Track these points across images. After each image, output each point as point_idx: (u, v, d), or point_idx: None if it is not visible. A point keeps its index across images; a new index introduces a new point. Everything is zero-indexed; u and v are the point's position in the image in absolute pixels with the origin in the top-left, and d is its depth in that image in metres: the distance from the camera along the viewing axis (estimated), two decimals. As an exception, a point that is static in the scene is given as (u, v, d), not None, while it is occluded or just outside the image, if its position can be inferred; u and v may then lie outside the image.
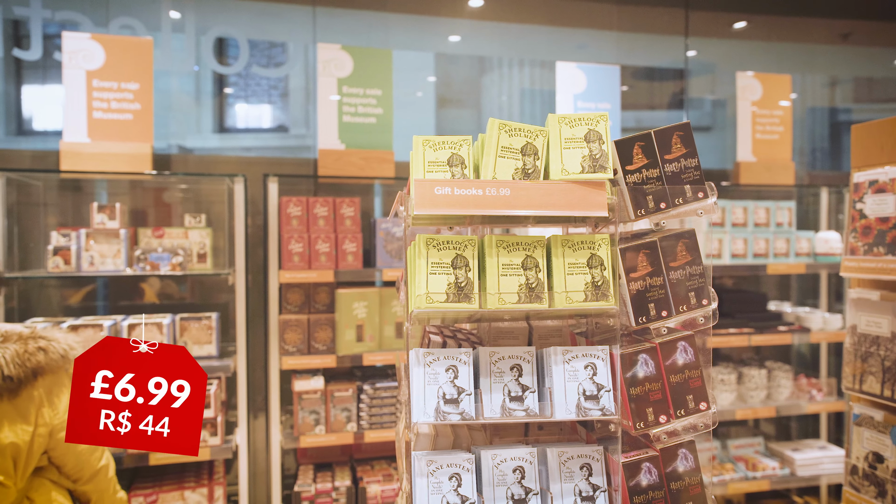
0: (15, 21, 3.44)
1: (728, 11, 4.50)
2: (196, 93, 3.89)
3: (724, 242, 3.65)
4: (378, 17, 4.01)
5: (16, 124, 3.65)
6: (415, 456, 1.27)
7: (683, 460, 1.30)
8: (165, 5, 3.59)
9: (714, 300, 1.33)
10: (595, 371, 1.27)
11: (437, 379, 1.23)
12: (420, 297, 1.22)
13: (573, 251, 1.28)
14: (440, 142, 1.29)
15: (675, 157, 1.32)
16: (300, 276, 3.13)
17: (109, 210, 3.10)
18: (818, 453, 3.71)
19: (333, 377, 3.38)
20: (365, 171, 3.35)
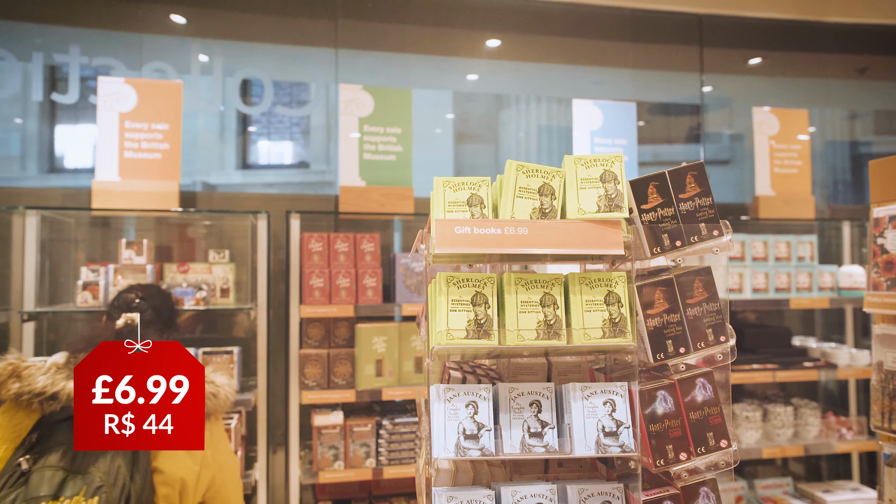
0: (50, 67, 3.61)
1: (742, 48, 4.56)
2: (220, 130, 4.02)
3: (744, 277, 3.63)
4: (398, 58, 4.13)
5: (48, 162, 3.80)
6: (435, 492, 1.28)
7: (705, 499, 1.29)
8: (195, 49, 3.75)
9: (732, 337, 1.33)
10: (614, 407, 1.28)
11: (458, 414, 1.25)
12: (441, 334, 1.24)
13: (590, 288, 1.30)
14: (460, 183, 1.34)
15: (689, 196, 1.34)
16: (321, 310, 3.17)
17: (137, 246, 3.19)
18: (851, 495, 3.60)
19: (353, 412, 3.39)
20: (385, 208, 3.41)
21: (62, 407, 1.66)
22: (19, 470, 1.59)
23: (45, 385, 1.65)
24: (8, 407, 1.69)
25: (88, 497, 1.61)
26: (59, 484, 1.59)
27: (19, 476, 1.59)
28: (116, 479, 1.66)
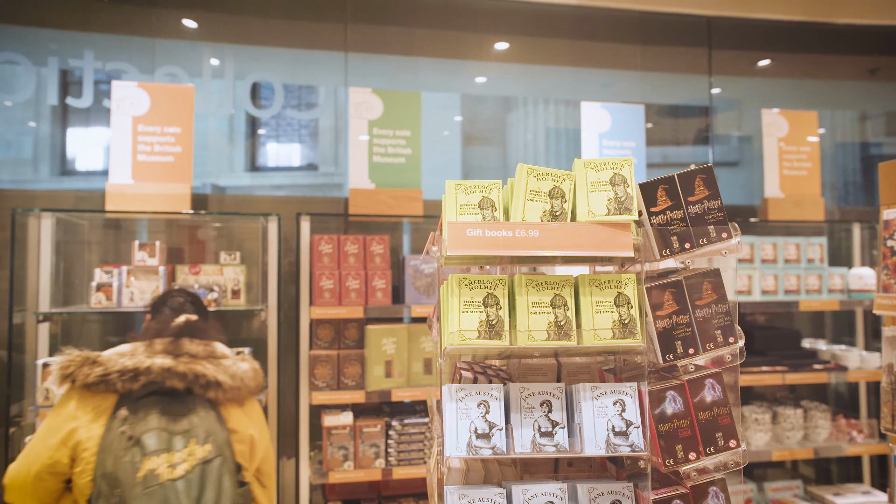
0: (63, 71, 3.67)
1: (751, 50, 4.55)
2: (230, 133, 4.06)
3: (753, 279, 3.62)
4: (407, 61, 4.16)
5: (60, 165, 3.85)
6: (447, 490, 1.30)
7: (714, 499, 1.30)
8: (207, 53, 3.80)
9: (741, 338, 1.34)
10: (624, 407, 1.29)
11: (469, 414, 1.27)
12: (453, 335, 1.26)
13: (600, 290, 1.32)
14: (471, 186, 1.36)
15: (698, 199, 1.36)
16: (331, 311, 3.20)
17: (149, 248, 3.23)
18: (862, 498, 3.58)
19: (362, 413, 3.41)
20: (394, 210, 3.44)
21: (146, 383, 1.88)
22: (125, 436, 1.80)
23: (135, 364, 1.88)
24: (83, 393, 1.89)
25: (201, 444, 1.88)
26: (167, 440, 1.83)
27: (127, 440, 1.80)
28: (217, 432, 1.94)
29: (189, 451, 1.85)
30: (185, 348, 2.00)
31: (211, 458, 1.88)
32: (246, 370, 2.11)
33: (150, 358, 1.92)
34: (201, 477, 1.83)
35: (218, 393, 1.98)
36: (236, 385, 2.03)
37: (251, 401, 2.14)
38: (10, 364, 2.98)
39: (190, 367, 1.94)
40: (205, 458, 1.87)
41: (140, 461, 1.77)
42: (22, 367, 3.07)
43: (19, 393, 3.07)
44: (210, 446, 1.89)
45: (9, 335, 2.96)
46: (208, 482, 1.83)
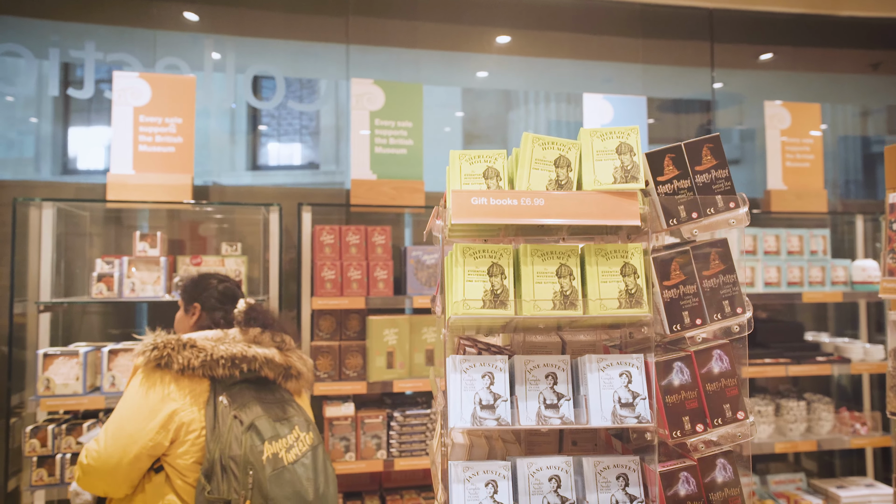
0: (65, 64, 3.66)
1: (753, 43, 4.55)
2: (231, 132, 4.05)
3: (756, 270, 3.61)
4: (409, 54, 4.16)
5: (61, 164, 3.85)
6: (451, 465, 1.28)
7: (722, 471, 1.28)
8: (208, 45, 3.79)
9: (749, 308, 1.33)
10: (630, 379, 1.28)
11: (474, 385, 1.25)
12: (457, 304, 1.25)
13: (606, 259, 1.30)
14: (476, 156, 1.34)
15: (705, 169, 1.35)
16: (332, 302, 3.18)
17: (151, 238, 3.22)
18: (865, 491, 3.56)
19: (364, 404, 3.39)
20: (396, 201, 3.43)
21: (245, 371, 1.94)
22: (238, 420, 1.87)
23: (240, 352, 1.94)
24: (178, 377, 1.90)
25: (306, 431, 2.02)
26: (273, 427, 1.92)
27: (240, 424, 1.86)
28: (310, 420, 2.10)
29: (295, 436, 1.96)
30: (271, 340, 2.09)
31: (317, 445, 2.03)
32: (310, 363, 2.23)
33: (251, 347, 1.99)
34: (314, 461, 1.96)
35: (295, 383, 2.10)
36: (310, 378, 2.19)
37: (306, 391, 2.28)
38: (10, 354, 2.97)
39: (287, 359, 2.06)
40: (313, 444, 2.02)
41: (261, 445, 1.85)
42: (23, 357, 3.06)
43: (20, 383, 3.05)
44: (313, 434, 2.04)
45: (9, 325, 2.95)
46: (319, 466, 1.97)
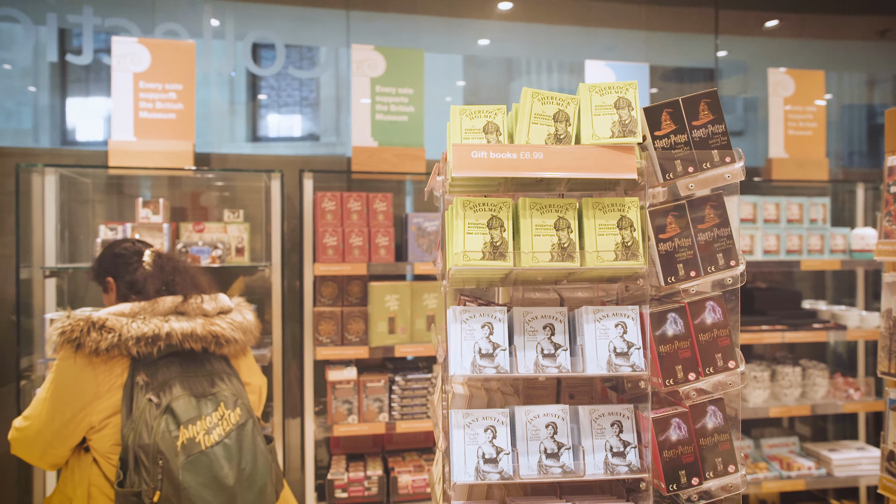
0: (63, 30, 3.63)
1: (759, 10, 4.49)
2: (231, 102, 4.03)
3: (755, 239, 3.63)
4: (409, 20, 4.12)
5: (60, 133, 3.84)
6: (452, 413, 1.33)
7: (713, 417, 1.33)
8: (207, 11, 3.76)
9: (742, 262, 1.36)
10: (625, 329, 1.31)
11: (474, 335, 1.29)
12: (458, 256, 1.28)
13: (603, 213, 1.33)
14: (476, 111, 1.36)
15: (702, 124, 1.36)
16: (334, 268, 3.22)
17: (153, 205, 3.24)
18: (856, 454, 3.64)
19: (366, 369, 3.45)
20: (397, 168, 3.44)
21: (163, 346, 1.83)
22: (153, 404, 1.77)
23: (153, 330, 1.81)
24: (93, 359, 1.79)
25: (232, 409, 1.89)
26: (196, 406, 1.81)
27: (155, 408, 1.77)
28: (241, 393, 1.97)
29: (220, 414, 1.85)
30: (196, 307, 1.95)
31: (244, 422, 1.90)
32: (251, 321, 2.10)
33: (166, 321, 1.86)
34: (238, 441, 1.84)
35: (230, 348, 1.99)
36: (247, 339, 2.05)
37: (249, 349, 2.17)
38: (18, 318, 3.02)
39: (209, 330, 1.91)
40: (238, 423, 1.88)
41: (176, 430, 1.75)
42: (30, 322, 3.11)
43: (28, 347, 3.11)
44: (240, 410, 1.91)
45: (17, 289, 2.99)
46: (245, 445, 1.85)
